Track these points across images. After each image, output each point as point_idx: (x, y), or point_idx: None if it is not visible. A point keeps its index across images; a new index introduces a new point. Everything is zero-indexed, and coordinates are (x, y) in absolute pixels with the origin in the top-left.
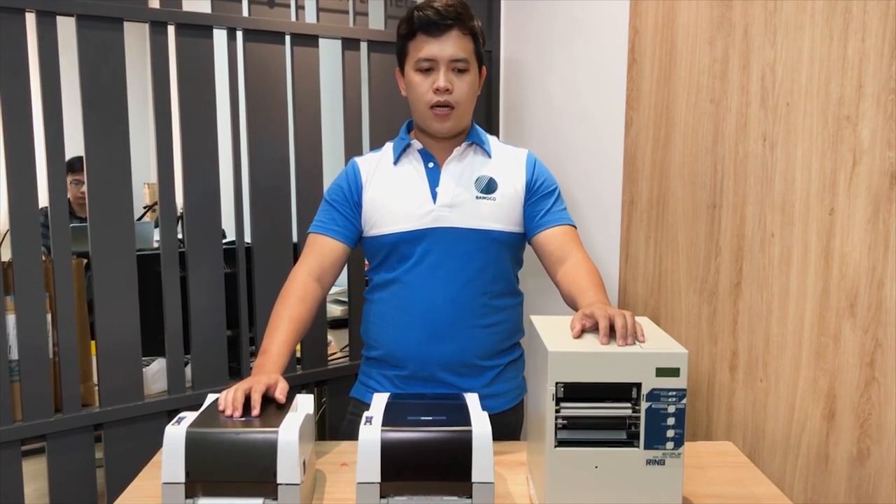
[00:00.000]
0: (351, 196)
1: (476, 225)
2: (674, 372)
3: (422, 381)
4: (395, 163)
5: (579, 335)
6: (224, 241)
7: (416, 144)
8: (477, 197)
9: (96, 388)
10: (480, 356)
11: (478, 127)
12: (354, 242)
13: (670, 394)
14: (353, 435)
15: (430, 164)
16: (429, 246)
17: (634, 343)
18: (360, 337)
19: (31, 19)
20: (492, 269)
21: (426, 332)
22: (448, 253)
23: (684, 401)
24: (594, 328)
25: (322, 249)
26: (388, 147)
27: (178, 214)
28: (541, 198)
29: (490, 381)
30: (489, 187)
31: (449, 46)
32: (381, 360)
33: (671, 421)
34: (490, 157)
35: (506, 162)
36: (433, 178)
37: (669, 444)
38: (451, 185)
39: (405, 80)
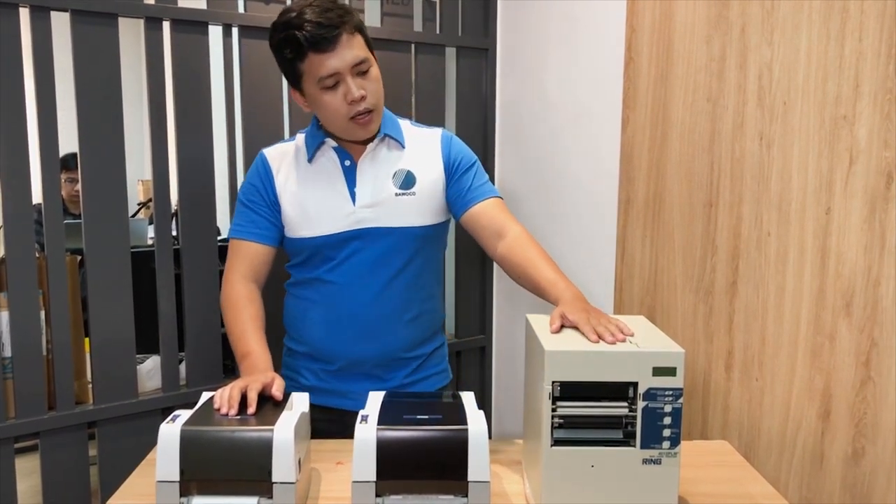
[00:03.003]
0: (266, 194)
1: (398, 223)
2: (670, 371)
3: (347, 375)
4: (310, 161)
5: (558, 331)
6: (219, 238)
7: (331, 142)
8: (396, 194)
9: (90, 385)
10: (406, 349)
11: (389, 114)
12: (278, 241)
13: (667, 393)
14: None
15: (347, 163)
16: (352, 248)
17: (625, 339)
18: (284, 327)
19: (24, 14)
20: (416, 264)
21: (352, 331)
22: (371, 253)
23: (681, 400)
24: (573, 325)
25: (248, 253)
26: (301, 140)
27: (173, 211)
28: (460, 176)
29: (413, 371)
30: (407, 182)
31: (346, 54)
32: (308, 355)
33: (667, 420)
34: (404, 147)
35: (420, 150)
36: (350, 178)
37: (666, 444)
38: (369, 184)
39: (308, 99)
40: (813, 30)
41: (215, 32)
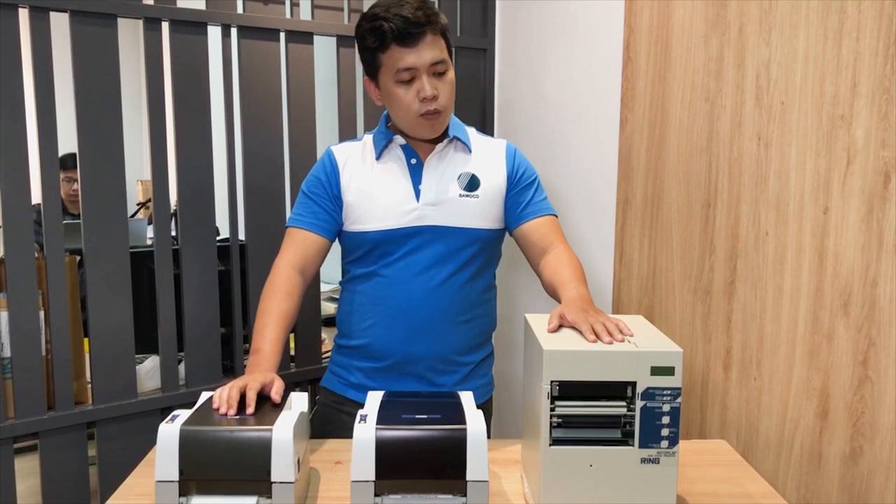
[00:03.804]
0: (329, 188)
1: (459, 223)
2: (669, 371)
3: (397, 375)
4: (378, 158)
5: (555, 330)
6: (218, 238)
7: (399, 140)
8: (460, 195)
9: (89, 385)
10: (457, 352)
11: (456, 119)
12: (334, 235)
13: (665, 392)
14: (324, 427)
15: (413, 161)
16: (411, 245)
17: (623, 339)
18: (337, 325)
19: (24, 15)
20: (472, 267)
21: (405, 329)
22: (430, 251)
23: (679, 400)
24: (572, 325)
25: (304, 242)
26: (368, 140)
27: (172, 211)
28: (522, 189)
29: (462, 379)
30: (472, 184)
31: (427, 52)
32: (359, 350)
33: (666, 420)
34: (471, 152)
35: (486, 156)
36: (416, 176)
37: (664, 443)
38: (434, 183)
39: (382, 91)
40: (811, 30)
41: (214, 33)
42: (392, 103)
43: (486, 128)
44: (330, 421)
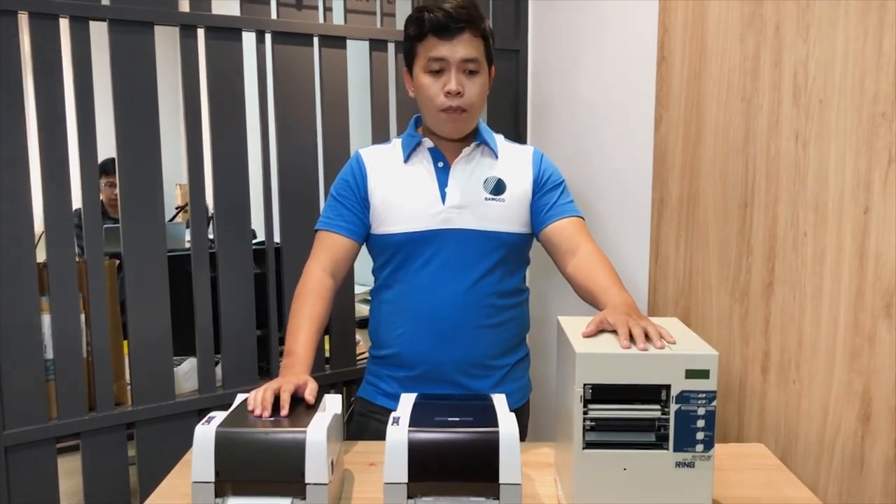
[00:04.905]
0: (357, 190)
1: (484, 227)
2: (703, 374)
3: (431, 383)
4: (406, 161)
5: (591, 334)
6: (254, 241)
7: (427, 143)
8: (486, 198)
9: (129, 387)
10: (490, 356)
11: (484, 125)
12: (363, 238)
13: (700, 396)
14: (361, 437)
15: (440, 164)
16: (437, 247)
17: (663, 346)
18: (369, 336)
19: (64, 24)
20: (499, 270)
21: (435, 335)
22: (456, 255)
23: (714, 403)
24: (614, 331)
25: (333, 245)
26: (397, 143)
27: (209, 215)
28: (547, 192)
29: (498, 382)
30: (498, 189)
31: (460, 48)
32: (391, 360)
33: (701, 423)
34: (497, 157)
35: (513, 161)
36: (442, 179)
37: (699, 447)
38: (460, 186)
39: (414, 82)
40: (850, 26)
41: (248, 39)
42: (419, 93)
43: (519, 129)
44: (366, 430)
